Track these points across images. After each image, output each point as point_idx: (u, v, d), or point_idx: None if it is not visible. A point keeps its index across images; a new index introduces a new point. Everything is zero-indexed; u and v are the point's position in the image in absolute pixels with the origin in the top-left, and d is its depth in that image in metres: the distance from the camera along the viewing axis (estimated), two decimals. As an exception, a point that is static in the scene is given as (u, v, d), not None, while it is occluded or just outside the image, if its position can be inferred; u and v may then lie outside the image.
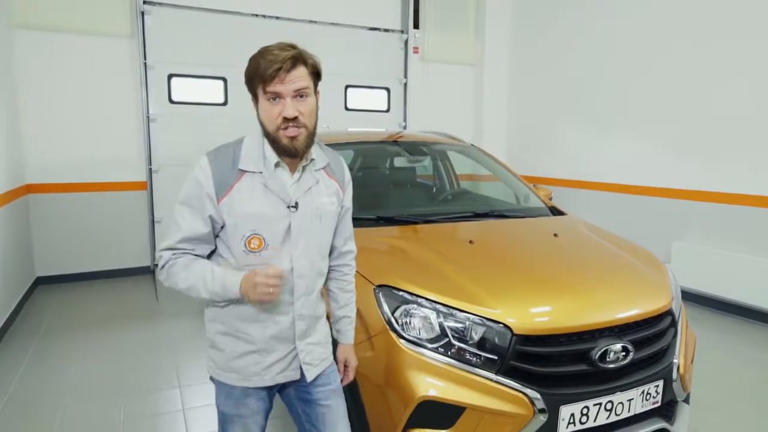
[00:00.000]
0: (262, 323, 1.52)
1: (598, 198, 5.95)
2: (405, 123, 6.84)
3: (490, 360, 1.88)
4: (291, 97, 1.40)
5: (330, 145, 3.15)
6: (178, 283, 1.47)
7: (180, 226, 1.47)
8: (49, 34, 5.01)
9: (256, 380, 1.55)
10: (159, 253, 1.50)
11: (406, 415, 1.85)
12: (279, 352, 1.54)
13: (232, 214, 1.45)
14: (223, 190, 1.45)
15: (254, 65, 1.40)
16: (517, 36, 7.01)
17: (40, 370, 3.48)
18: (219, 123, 5.81)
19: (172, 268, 1.47)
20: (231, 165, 1.46)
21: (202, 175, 1.45)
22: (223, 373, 1.56)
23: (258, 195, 1.46)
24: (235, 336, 1.53)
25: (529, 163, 6.92)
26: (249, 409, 1.58)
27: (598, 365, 1.94)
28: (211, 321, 1.57)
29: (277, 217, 1.47)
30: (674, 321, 2.23)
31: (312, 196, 1.53)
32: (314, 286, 1.58)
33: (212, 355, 1.59)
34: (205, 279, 1.44)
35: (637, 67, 5.37)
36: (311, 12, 6.14)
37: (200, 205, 1.45)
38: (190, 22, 5.61)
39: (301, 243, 1.50)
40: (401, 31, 6.68)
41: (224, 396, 1.58)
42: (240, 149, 1.49)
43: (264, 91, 1.40)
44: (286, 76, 1.38)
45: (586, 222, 2.98)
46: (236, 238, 1.46)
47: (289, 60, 1.38)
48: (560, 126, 6.42)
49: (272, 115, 1.41)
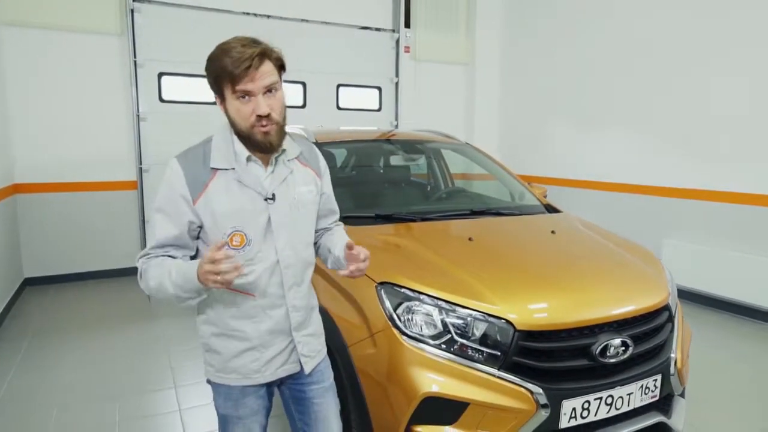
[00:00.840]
0: (255, 318, 1.50)
1: (588, 196, 6.01)
2: (396, 122, 6.85)
3: (492, 356, 1.89)
4: (262, 93, 1.39)
5: (326, 144, 3.18)
6: (149, 283, 1.43)
7: (155, 234, 1.46)
8: (38, 31, 4.93)
9: (257, 377, 1.54)
10: (137, 262, 1.49)
11: (409, 412, 1.86)
12: (277, 346, 1.54)
13: (209, 213, 1.43)
14: (197, 191, 1.43)
15: (219, 64, 1.36)
16: (508, 35, 7.04)
17: (31, 372, 3.43)
18: (209, 122, 5.72)
19: (145, 272, 1.45)
20: (202, 164, 1.45)
21: (175, 178, 1.44)
22: (223, 375, 1.54)
23: (234, 191, 1.45)
24: (229, 335, 1.51)
25: (520, 162, 6.96)
26: (248, 409, 1.57)
27: (598, 360, 1.96)
28: (204, 323, 1.55)
29: (256, 211, 1.46)
30: (671, 316, 2.26)
31: (288, 187, 1.52)
32: (303, 276, 1.58)
33: (209, 359, 1.56)
34: (170, 273, 1.38)
35: (625, 66, 5.43)
36: (302, 11, 6.13)
37: (175, 210, 1.44)
38: (181, 20, 5.56)
39: (283, 234, 1.49)
40: (392, 30, 6.69)
41: (223, 398, 1.56)
42: (209, 148, 1.47)
43: (233, 90, 1.37)
44: (255, 74, 1.36)
45: (582, 219, 3.00)
46: (217, 237, 1.44)
47: (257, 56, 1.35)
48: (551, 125, 6.47)
49: (245, 114, 1.39)
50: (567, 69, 6.18)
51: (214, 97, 1.46)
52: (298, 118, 6.09)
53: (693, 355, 3.59)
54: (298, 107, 6.30)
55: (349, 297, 2.17)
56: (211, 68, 1.39)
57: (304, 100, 6.33)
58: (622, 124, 5.54)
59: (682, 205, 4.97)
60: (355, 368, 2.05)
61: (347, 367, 2.08)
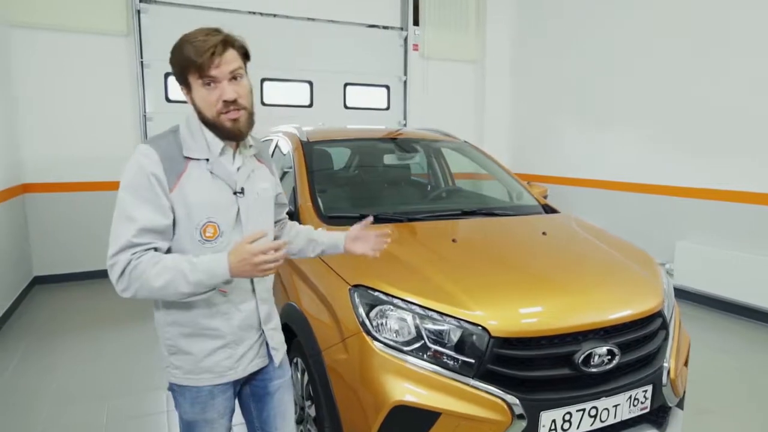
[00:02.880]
0: (226, 315, 1.48)
1: (600, 196, 5.84)
2: (405, 121, 6.76)
3: (467, 364, 1.80)
4: (227, 80, 1.38)
5: (317, 143, 3.13)
6: (150, 282, 1.30)
7: (134, 219, 1.32)
8: (46, 32, 5.00)
9: (231, 374, 1.52)
10: (112, 260, 1.32)
11: (378, 421, 1.78)
12: (248, 341, 1.54)
13: (184, 204, 1.39)
14: (173, 180, 1.38)
15: (183, 53, 1.36)
16: (519, 33, 6.90)
17: (29, 369, 3.45)
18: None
19: (135, 270, 1.30)
20: (177, 152, 1.41)
21: (149, 162, 1.35)
22: (193, 376, 1.49)
23: (207, 182, 1.43)
24: (201, 335, 1.47)
25: (531, 161, 6.81)
26: (216, 412, 1.53)
27: (581, 369, 1.85)
28: (170, 325, 1.48)
29: (227, 203, 1.45)
30: (665, 323, 2.14)
31: (253, 182, 1.53)
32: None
33: (177, 362, 1.49)
34: (184, 271, 1.30)
35: (636, 64, 5.26)
36: (309, 9, 6.10)
37: (154, 194, 1.35)
38: (187, 20, 5.57)
39: (250, 227, 1.48)
40: (401, 28, 6.61)
41: (190, 402, 1.51)
42: (179, 137, 1.44)
43: (199, 76, 1.36)
44: (219, 60, 1.36)
45: (579, 220, 2.88)
46: (190, 228, 1.40)
47: (220, 44, 1.36)
48: (563, 124, 6.31)
49: (211, 101, 1.38)
50: (578, 67, 6.01)
51: (180, 89, 1.44)
52: (305, 117, 6.07)
53: (704, 361, 3.46)
54: (304, 107, 6.27)
55: (324, 300, 2.10)
56: (175, 59, 1.39)
57: (311, 100, 6.29)
58: (633, 122, 5.36)
59: (695, 206, 4.78)
60: (327, 373, 1.99)
61: (320, 372, 2.01)
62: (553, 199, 6.31)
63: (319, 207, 2.64)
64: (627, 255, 2.40)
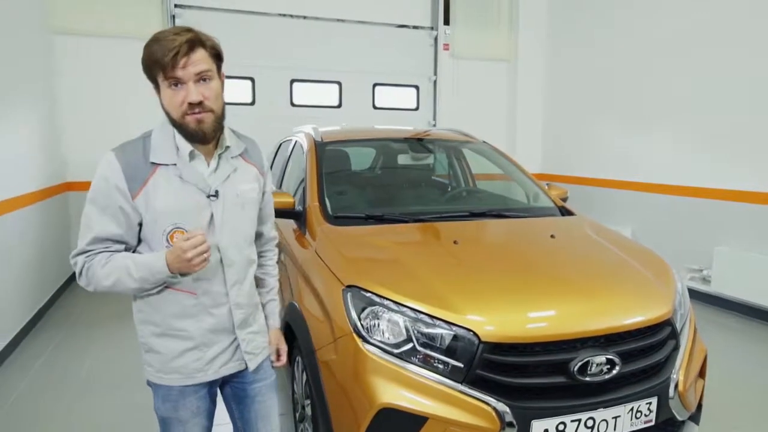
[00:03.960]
0: (197, 317, 1.47)
1: (635, 199, 5.62)
2: (434, 121, 6.72)
3: (456, 368, 1.77)
4: (193, 81, 1.35)
5: (330, 143, 3.14)
6: (101, 282, 1.39)
7: (90, 228, 1.40)
8: (86, 38, 5.23)
9: (200, 376, 1.51)
10: (73, 260, 1.42)
11: (366, 422, 1.77)
12: (219, 345, 1.52)
13: (150, 210, 1.39)
14: (137, 186, 1.38)
15: (150, 52, 1.33)
16: (552, 31, 6.73)
17: (62, 355, 3.65)
18: (246, 122, 5.87)
19: (89, 271, 1.39)
20: (143, 159, 1.40)
21: (110, 171, 1.38)
22: (163, 375, 1.50)
23: (175, 187, 1.41)
24: (171, 335, 1.48)
25: (564, 162, 6.63)
26: (188, 411, 1.54)
27: (577, 378, 1.78)
28: (143, 323, 1.51)
29: (198, 208, 1.43)
30: (674, 333, 2.03)
31: (232, 184, 1.50)
32: (246, 274, 1.55)
33: (149, 359, 1.52)
34: (128, 269, 1.37)
35: (676, 61, 5.02)
36: (339, 11, 6.14)
37: (111, 204, 1.39)
38: (218, 23, 5.73)
39: (226, 232, 1.47)
40: (431, 28, 6.56)
41: (161, 399, 1.53)
42: (149, 142, 1.43)
43: (165, 77, 1.34)
44: (185, 60, 1.33)
45: (594, 223, 2.78)
46: (157, 234, 1.41)
47: (186, 44, 1.32)
48: (598, 124, 6.10)
49: (176, 102, 1.36)
50: (615, 65, 5.79)
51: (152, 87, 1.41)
52: (333, 117, 6.12)
53: (742, 376, 3.27)
54: (333, 107, 6.32)
55: (320, 299, 2.11)
56: (143, 57, 1.36)
57: (340, 100, 6.34)
58: (672, 122, 5.13)
59: (736, 209, 4.52)
60: (320, 373, 1.99)
61: (314, 372, 2.02)
62: (586, 201, 6.16)
63: (326, 207, 2.65)
64: (639, 261, 2.30)
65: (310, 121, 4.35)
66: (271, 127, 4.73)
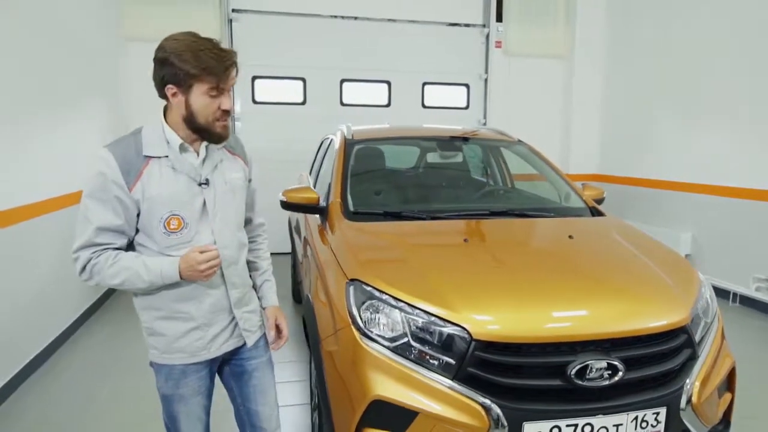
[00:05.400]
0: (197, 299, 1.58)
1: (698, 202, 5.26)
2: (485, 120, 6.63)
3: (448, 365, 1.77)
4: (228, 91, 1.51)
5: (365, 141, 3.20)
6: (108, 280, 1.48)
7: (90, 220, 1.47)
8: (152, 44, 5.57)
9: (204, 354, 1.62)
10: (75, 254, 1.49)
11: (358, 413, 1.80)
12: (220, 324, 1.63)
13: (146, 200, 1.48)
14: (132, 178, 1.47)
15: (200, 60, 1.42)
16: (614, 25, 6.42)
17: (118, 338, 3.95)
18: (297, 121, 6.09)
19: (95, 267, 1.48)
20: (135, 153, 1.49)
21: (105, 166, 1.46)
22: (168, 355, 1.61)
23: (168, 177, 1.51)
24: (173, 318, 1.58)
25: (623, 163, 6.33)
26: (190, 388, 1.64)
27: (574, 382, 1.73)
28: (146, 309, 1.60)
29: (191, 195, 1.53)
30: (691, 341, 1.92)
31: (220, 172, 1.61)
32: (239, 256, 1.66)
33: (153, 342, 1.62)
34: (138, 272, 1.47)
35: (750, 55, 4.65)
36: (389, 10, 6.19)
37: (109, 197, 1.46)
38: (273, 26, 5.95)
39: (218, 216, 1.58)
40: (483, 25, 6.48)
41: (164, 378, 1.64)
42: (140, 138, 1.53)
43: (210, 86, 1.45)
44: (231, 73, 1.48)
45: (623, 224, 2.67)
46: (154, 221, 1.50)
47: (235, 60, 1.49)
48: (659, 123, 5.76)
49: (213, 108, 1.49)
50: (682, 60, 5.43)
51: (164, 89, 1.48)
52: (382, 116, 6.19)
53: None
54: (382, 106, 6.39)
55: (328, 291, 2.17)
56: (184, 65, 1.43)
57: (389, 99, 6.40)
58: (739, 122, 4.75)
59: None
60: (323, 362, 2.05)
61: (318, 361, 2.09)
62: (644, 203, 5.85)
63: (348, 204, 2.71)
64: (661, 265, 2.18)
65: (360, 121, 4.44)
66: (320, 126, 4.84)
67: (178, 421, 1.67)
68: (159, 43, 1.51)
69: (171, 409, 1.67)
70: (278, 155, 5.80)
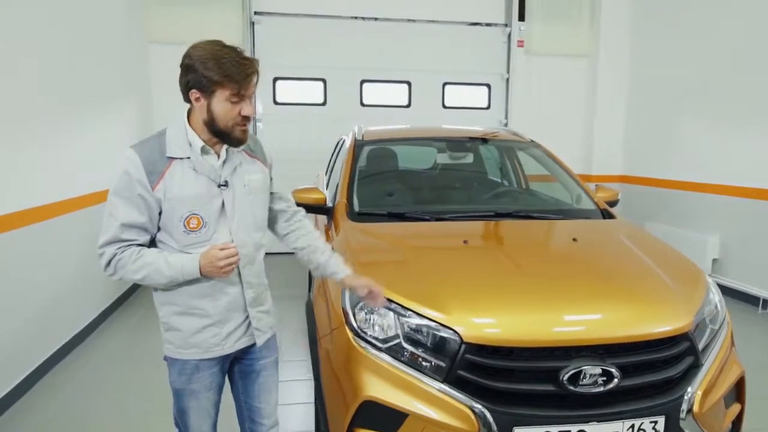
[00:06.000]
0: (213, 296, 1.62)
1: (727, 204, 5.08)
2: (506, 120, 6.55)
3: (438, 367, 1.76)
4: (249, 98, 1.56)
5: (375, 142, 3.21)
6: (131, 275, 1.55)
7: (116, 217, 1.54)
8: (175, 47, 5.68)
9: (217, 350, 1.66)
10: (100, 250, 1.56)
11: (350, 413, 1.81)
12: (234, 321, 1.67)
13: (167, 199, 1.54)
14: (155, 178, 1.54)
15: (222, 68, 1.47)
16: (640, 22, 6.25)
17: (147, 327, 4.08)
18: (318, 121, 6.14)
19: (119, 262, 1.54)
20: (159, 154, 1.56)
21: (131, 166, 1.53)
22: (183, 350, 1.66)
23: (189, 178, 1.57)
24: (190, 314, 1.63)
25: (650, 164, 6.15)
26: (201, 384, 1.68)
27: (566, 387, 1.70)
28: (164, 304, 1.67)
29: (210, 196, 1.59)
30: (694, 348, 1.86)
31: (240, 174, 1.65)
32: (255, 256, 1.70)
33: (169, 337, 1.68)
34: (160, 269, 1.53)
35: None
36: (410, 11, 6.18)
37: (133, 195, 1.53)
38: (294, 28, 6.01)
39: (236, 217, 1.62)
40: (504, 25, 6.40)
41: (177, 372, 1.69)
42: (164, 139, 1.59)
43: (232, 93, 1.50)
44: (252, 81, 1.53)
45: (633, 227, 2.60)
46: (174, 220, 1.55)
47: (257, 69, 1.54)
48: (687, 123, 5.57)
49: (233, 113, 1.53)
50: (712, 58, 5.24)
51: (189, 93, 1.54)
52: (402, 117, 6.19)
53: None
54: (402, 107, 6.38)
55: (326, 291, 2.19)
56: (207, 72, 1.48)
57: (409, 100, 6.39)
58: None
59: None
60: (320, 362, 2.07)
61: (315, 359, 2.11)
62: (670, 205, 5.69)
63: (353, 204, 2.72)
64: (667, 270, 2.12)
65: (379, 121, 4.45)
66: (340, 126, 4.87)
67: (188, 416, 1.71)
68: (183, 46, 1.57)
69: (181, 403, 1.71)
70: (299, 155, 5.86)
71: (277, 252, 2.76)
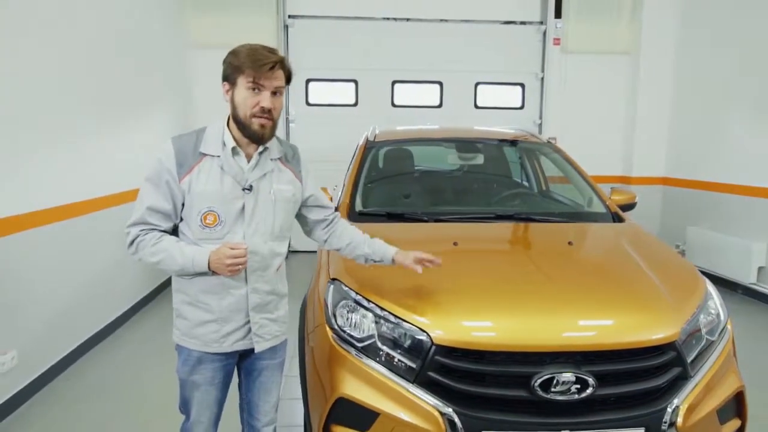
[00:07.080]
0: (219, 294, 1.68)
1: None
2: (540, 120, 6.40)
3: (410, 368, 1.76)
4: (270, 91, 1.60)
5: (387, 142, 3.24)
6: (148, 258, 1.63)
7: (144, 200, 1.64)
8: (212, 50, 5.91)
9: (215, 347, 1.72)
10: (127, 229, 1.66)
11: (326, 410, 1.85)
12: (235, 322, 1.70)
13: (190, 192, 1.62)
14: (184, 170, 1.63)
15: (244, 58, 1.57)
16: (685, 16, 5.95)
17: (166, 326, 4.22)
18: (350, 122, 6.20)
19: (141, 243, 1.63)
20: (193, 148, 1.65)
21: (164, 156, 1.63)
22: (187, 339, 1.74)
23: (215, 175, 1.63)
24: (196, 305, 1.70)
25: (696, 166, 5.84)
26: (203, 377, 1.74)
27: (538, 394, 1.67)
28: (178, 291, 1.74)
29: (232, 197, 1.64)
30: (681, 359, 1.77)
31: (268, 181, 1.70)
32: (269, 263, 1.72)
33: (178, 323, 1.77)
34: (173, 256, 1.60)
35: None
36: (442, 11, 6.15)
37: (161, 182, 1.62)
38: (326, 30, 6.11)
39: (253, 222, 1.66)
40: (540, 23, 6.26)
41: (182, 362, 1.76)
42: (202, 135, 1.68)
43: (250, 80, 1.57)
44: (271, 73, 1.58)
45: (639, 231, 2.50)
46: (193, 213, 1.63)
47: (279, 62, 1.59)
48: (738, 124, 5.23)
49: (251, 103, 1.59)
50: (758, 56, 4.94)
51: (222, 84, 1.66)
52: (434, 117, 6.16)
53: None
54: (434, 107, 6.36)
55: (317, 290, 2.23)
56: (233, 60, 1.60)
57: (441, 100, 6.36)
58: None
59: None
60: (306, 358, 2.12)
61: (301, 355, 2.15)
62: (715, 209, 5.37)
63: (354, 204, 2.76)
64: (664, 278, 2.02)
65: (411, 122, 4.45)
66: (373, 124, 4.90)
67: (190, 405, 1.78)
68: (221, 49, 1.68)
69: (185, 392, 1.78)
70: (330, 155, 5.92)
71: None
